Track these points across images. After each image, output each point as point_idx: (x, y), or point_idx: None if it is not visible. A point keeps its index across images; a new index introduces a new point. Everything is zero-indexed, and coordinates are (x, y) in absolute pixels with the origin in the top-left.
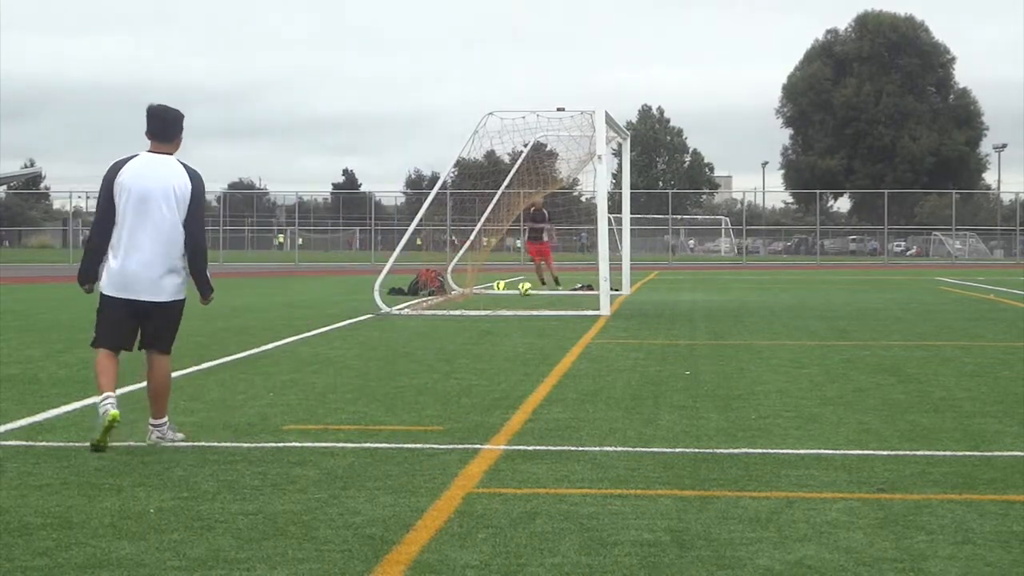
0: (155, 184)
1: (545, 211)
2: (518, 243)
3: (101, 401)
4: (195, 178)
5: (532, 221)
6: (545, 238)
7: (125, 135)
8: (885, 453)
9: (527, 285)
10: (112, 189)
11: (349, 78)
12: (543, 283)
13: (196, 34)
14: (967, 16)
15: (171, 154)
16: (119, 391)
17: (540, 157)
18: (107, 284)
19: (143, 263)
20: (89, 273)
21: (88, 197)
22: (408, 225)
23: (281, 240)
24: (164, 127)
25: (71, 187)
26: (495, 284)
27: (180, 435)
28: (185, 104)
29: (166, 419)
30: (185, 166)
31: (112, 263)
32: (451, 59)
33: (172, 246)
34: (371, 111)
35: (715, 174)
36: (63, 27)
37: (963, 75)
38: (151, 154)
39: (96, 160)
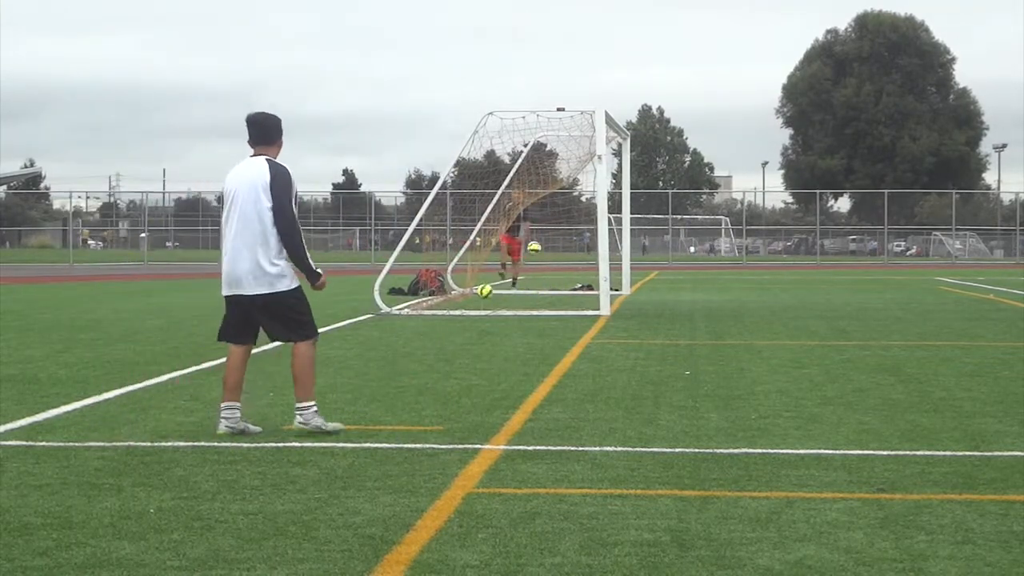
0: (244, 183)
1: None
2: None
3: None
4: (275, 168)
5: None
6: (521, 235)
7: (125, 135)
8: (885, 453)
9: (487, 288)
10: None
11: (349, 78)
12: (502, 277)
13: (197, 34)
14: (967, 16)
15: (269, 156)
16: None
17: (540, 157)
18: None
19: (233, 260)
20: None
21: (88, 197)
22: (408, 225)
23: None
24: (260, 132)
25: (71, 187)
26: (479, 289)
27: (328, 424)
28: (185, 104)
29: (311, 403)
30: (270, 162)
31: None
32: (451, 59)
33: (258, 239)
34: (371, 111)
35: (715, 174)
36: (64, 27)
37: (963, 75)
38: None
39: (96, 160)
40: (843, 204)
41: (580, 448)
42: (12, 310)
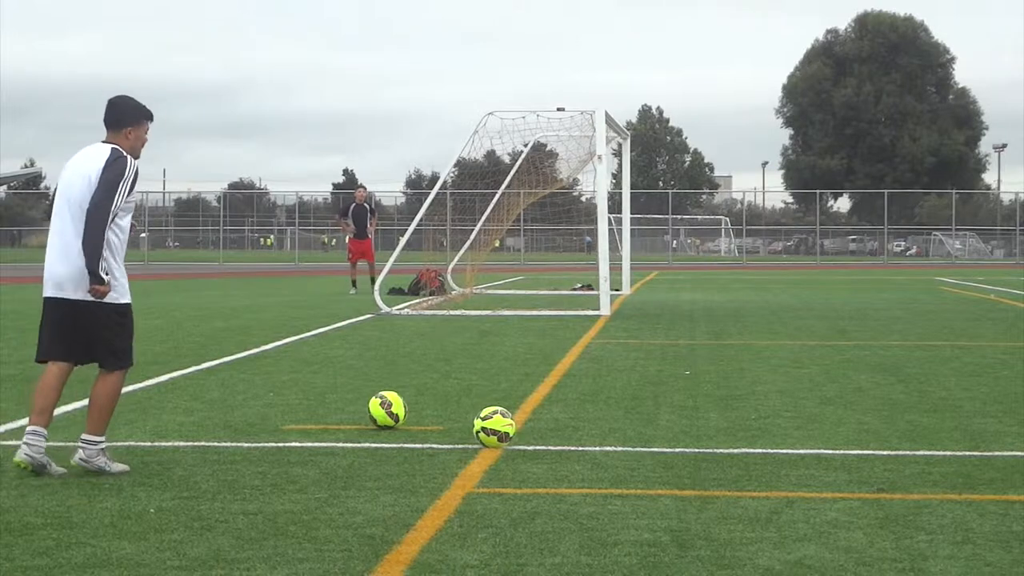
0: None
1: (367, 204)
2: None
3: None
4: (113, 156)
5: (354, 217)
6: (370, 235)
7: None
8: (885, 453)
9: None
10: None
11: (349, 77)
12: (355, 285)
13: (197, 33)
14: (967, 16)
15: (113, 143)
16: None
17: (540, 157)
18: None
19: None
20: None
21: None
22: (408, 225)
23: (270, 242)
24: (110, 115)
25: None
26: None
27: (113, 465)
28: (185, 102)
29: (100, 438)
30: (113, 150)
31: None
32: (451, 59)
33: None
34: (372, 111)
35: (715, 174)
36: (64, 27)
37: (963, 75)
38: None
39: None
40: (843, 204)
41: (580, 448)
42: (12, 310)
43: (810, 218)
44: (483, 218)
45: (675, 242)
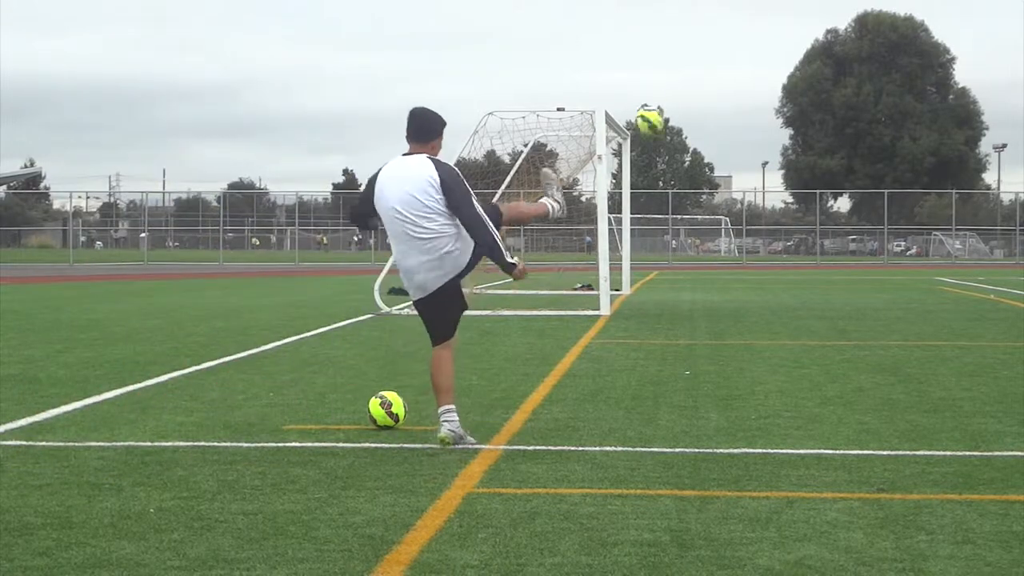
0: (403, 184)
1: None
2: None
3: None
4: (441, 168)
5: None
6: None
7: (125, 134)
8: (885, 453)
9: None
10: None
11: (349, 77)
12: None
13: (197, 33)
14: (967, 16)
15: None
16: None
17: (540, 157)
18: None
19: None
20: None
21: (88, 197)
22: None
23: (257, 242)
24: (419, 128)
25: (71, 187)
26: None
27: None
28: (185, 102)
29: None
30: (434, 160)
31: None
32: (451, 59)
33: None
34: (372, 111)
35: (715, 174)
36: (64, 27)
37: (963, 75)
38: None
39: (96, 160)
40: (843, 204)
41: (580, 448)
42: (12, 310)
43: (810, 218)
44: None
45: (675, 242)
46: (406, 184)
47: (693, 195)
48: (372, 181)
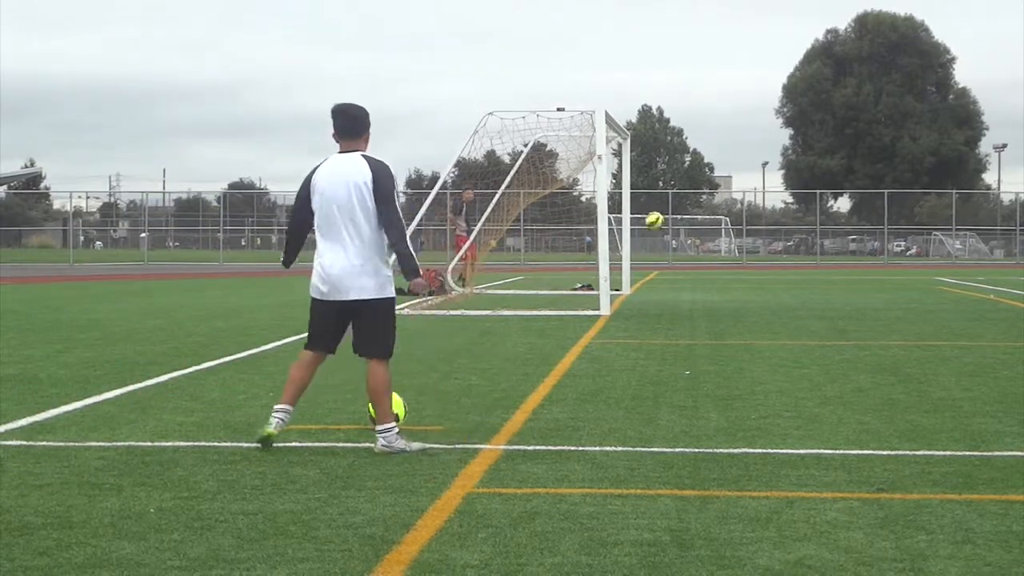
0: (342, 183)
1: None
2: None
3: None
4: (374, 165)
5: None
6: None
7: (125, 134)
8: (885, 453)
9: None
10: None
11: (349, 77)
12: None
13: (197, 33)
14: (967, 16)
15: (359, 151)
16: None
17: (540, 157)
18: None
19: (341, 264)
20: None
21: (88, 197)
22: (408, 225)
23: (244, 243)
24: (346, 126)
25: (71, 187)
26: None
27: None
28: (185, 102)
29: (390, 425)
30: (368, 159)
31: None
32: (451, 59)
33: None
34: (371, 111)
35: (715, 174)
36: (64, 27)
37: (963, 75)
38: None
39: (96, 160)
40: (843, 204)
41: (580, 448)
42: (12, 310)
43: (810, 218)
44: (483, 218)
45: (675, 242)
46: (342, 185)
47: (693, 195)
48: (307, 183)
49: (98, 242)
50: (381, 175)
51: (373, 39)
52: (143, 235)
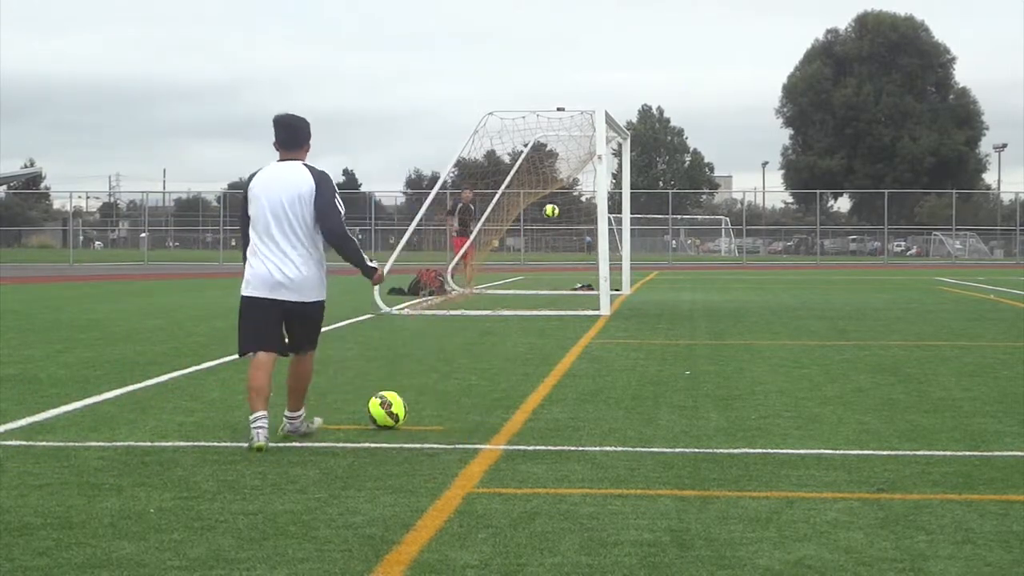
0: (284, 190)
1: (471, 206)
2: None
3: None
4: (316, 174)
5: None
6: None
7: (125, 134)
8: (885, 453)
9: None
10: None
11: (349, 77)
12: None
13: (197, 33)
14: (967, 16)
15: (299, 160)
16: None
17: (540, 157)
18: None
19: (292, 268)
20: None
21: (88, 197)
22: (408, 225)
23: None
24: (288, 137)
25: (71, 187)
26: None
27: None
28: (185, 102)
29: (303, 412)
30: (310, 168)
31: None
32: (451, 59)
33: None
34: (371, 111)
35: (715, 174)
36: (64, 27)
37: (963, 75)
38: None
39: (96, 160)
40: (843, 204)
41: (580, 448)
42: (12, 310)
43: (810, 218)
44: (483, 218)
45: (675, 242)
46: (282, 191)
47: (693, 195)
48: (245, 191)
49: (98, 242)
50: (323, 183)
51: (373, 39)
52: (143, 235)
